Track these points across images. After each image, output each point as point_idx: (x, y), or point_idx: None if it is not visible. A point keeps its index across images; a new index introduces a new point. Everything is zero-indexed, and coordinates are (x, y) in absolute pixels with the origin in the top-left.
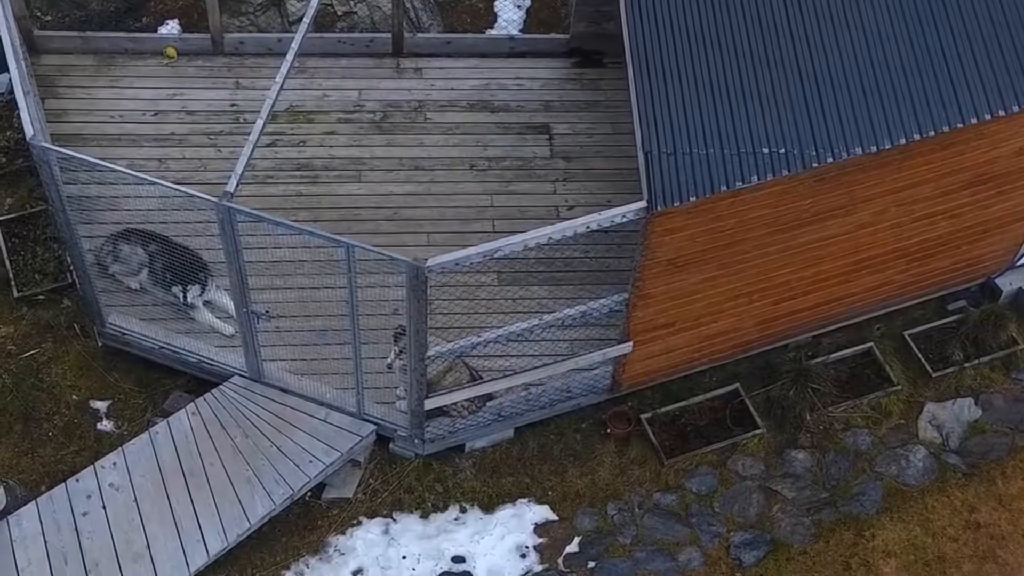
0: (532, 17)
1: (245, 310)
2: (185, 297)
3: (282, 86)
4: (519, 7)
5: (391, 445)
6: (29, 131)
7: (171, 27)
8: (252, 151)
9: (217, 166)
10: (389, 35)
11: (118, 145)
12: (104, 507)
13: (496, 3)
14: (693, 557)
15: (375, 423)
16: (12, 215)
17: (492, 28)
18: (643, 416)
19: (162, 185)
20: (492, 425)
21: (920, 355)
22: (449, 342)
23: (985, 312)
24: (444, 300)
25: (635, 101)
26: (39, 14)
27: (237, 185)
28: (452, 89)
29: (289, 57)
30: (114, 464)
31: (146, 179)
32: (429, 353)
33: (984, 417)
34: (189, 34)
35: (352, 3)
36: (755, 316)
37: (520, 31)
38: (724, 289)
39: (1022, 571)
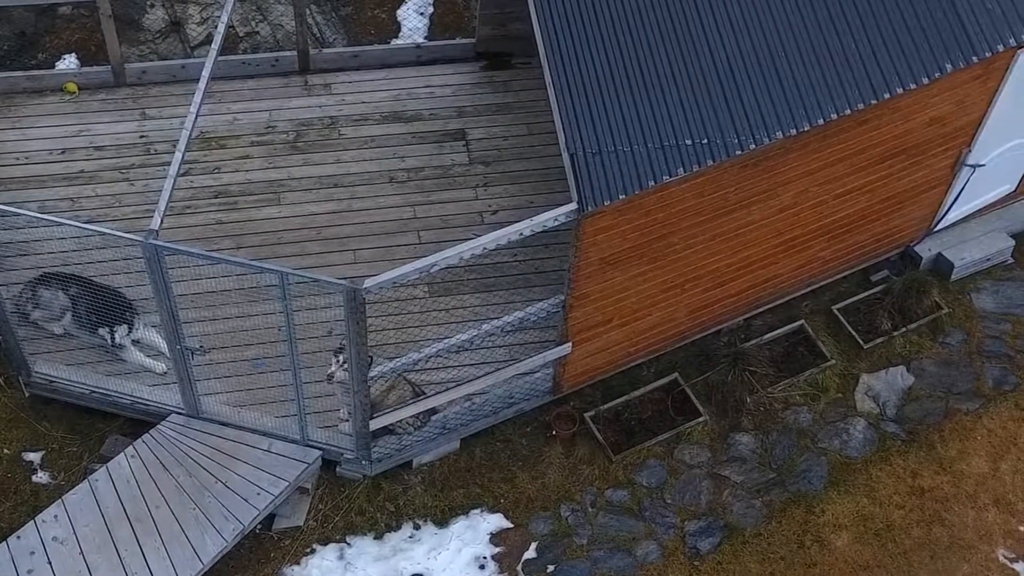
0: (436, 23)
1: (179, 347)
2: (113, 339)
3: (198, 114)
4: (422, 14)
5: (338, 468)
6: None
7: (69, 62)
8: (173, 185)
9: (132, 200)
10: (294, 53)
11: (27, 187)
12: (49, 562)
13: (399, 12)
14: (650, 551)
15: (320, 448)
16: None
17: (397, 37)
18: (587, 415)
19: (86, 229)
20: (438, 439)
21: (850, 328)
22: (390, 359)
23: (908, 280)
24: (377, 317)
25: (555, 103)
26: None
27: (161, 221)
28: (363, 103)
29: (202, 84)
30: (55, 517)
31: (67, 224)
32: (372, 373)
33: (917, 383)
34: (89, 67)
35: (253, 23)
36: (687, 306)
37: (425, 38)
38: (656, 282)
39: (967, 531)
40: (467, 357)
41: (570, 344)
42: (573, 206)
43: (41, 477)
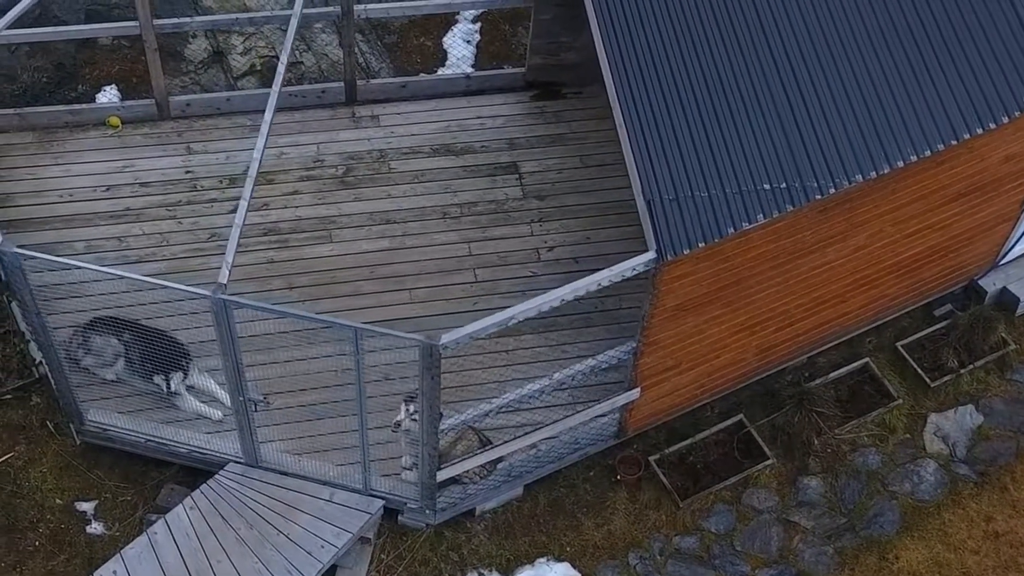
0: (482, 51)
1: (242, 398)
2: (168, 386)
3: (262, 158)
4: (468, 42)
5: (400, 517)
6: None
7: (109, 94)
8: (239, 234)
9: (180, 239)
10: (341, 83)
11: (73, 226)
12: None
13: (445, 40)
14: None
15: (383, 498)
16: None
17: (443, 66)
18: (652, 459)
19: (150, 282)
20: (502, 486)
21: (915, 365)
22: (459, 411)
23: (973, 315)
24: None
25: (627, 146)
26: None
27: (229, 274)
28: (413, 135)
29: (268, 116)
30: (114, 573)
31: (131, 277)
32: (442, 427)
33: (987, 422)
34: (132, 101)
35: (298, 53)
36: (756, 347)
37: (472, 67)
38: (727, 325)
39: None
40: (532, 402)
41: (639, 389)
42: (652, 255)
43: (95, 528)
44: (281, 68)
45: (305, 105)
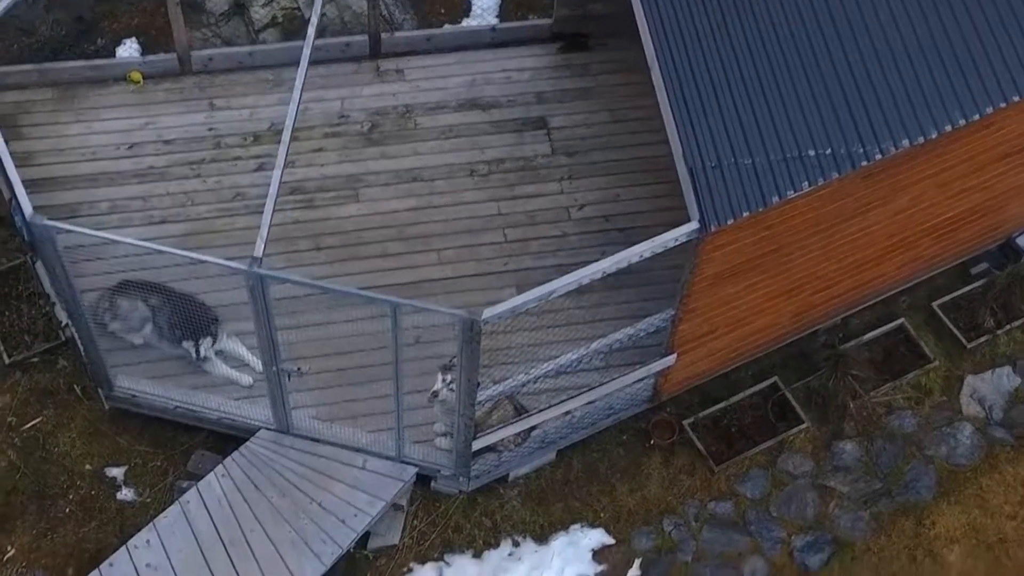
0: (508, 1)
1: (275, 369)
2: (198, 352)
3: (297, 111)
4: None
5: (433, 483)
6: (27, 207)
7: (129, 47)
8: (274, 206)
9: (205, 199)
10: (365, 37)
11: (96, 186)
12: None
13: None
14: (758, 567)
15: (416, 465)
16: None
17: (468, 16)
18: (686, 423)
19: (189, 256)
20: (535, 452)
21: (951, 326)
22: (496, 383)
23: (1011, 274)
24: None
25: (669, 110)
26: None
27: (264, 247)
28: (438, 89)
29: (302, 71)
30: (147, 542)
31: (171, 252)
32: (480, 398)
33: None
34: (153, 56)
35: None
36: (791, 310)
37: (497, 17)
38: (765, 291)
39: None
40: (568, 370)
41: (675, 355)
42: (694, 226)
43: (126, 494)
44: (314, 19)
45: (328, 59)
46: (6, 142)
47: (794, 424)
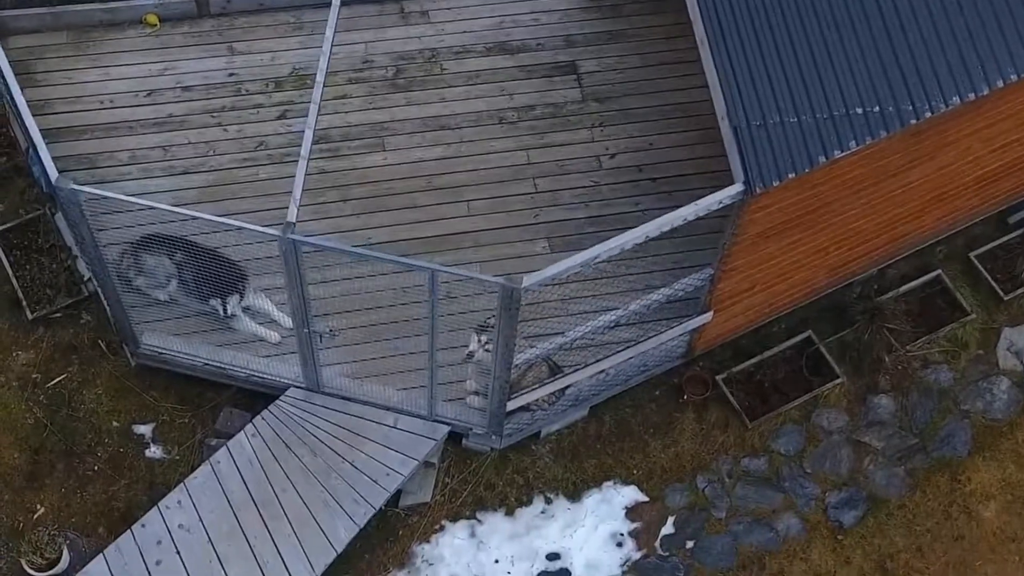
0: None
1: (306, 330)
2: (225, 310)
3: (329, 58)
4: None
5: (464, 441)
6: (52, 172)
7: None
8: (306, 168)
9: (227, 148)
10: None
11: (114, 135)
12: (178, 552)
13: None
14: (792, 524)
15: (448, 424)
16: (8, 224)
17: None
18: (719, 377)
19: (224, 223)
20: (568, 409)
21: (988, 277)
22: (533, 345)
23: None
24: None
25: (713, 66)
26: None
27: (297, 212)
28: (465, 32)
29: (332, 19)
30: (179, 503)
31: (203, 217)
32: (517, 361)
33: None
34: None
35: None
36: (829, 265)
37: None
38: (806, 247)
39: None
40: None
41: (712, 313)
42: (739, 187)
43: (154, 452)
44: None
45: (350, 0)
46: (21, 89)
47: (828, 378)
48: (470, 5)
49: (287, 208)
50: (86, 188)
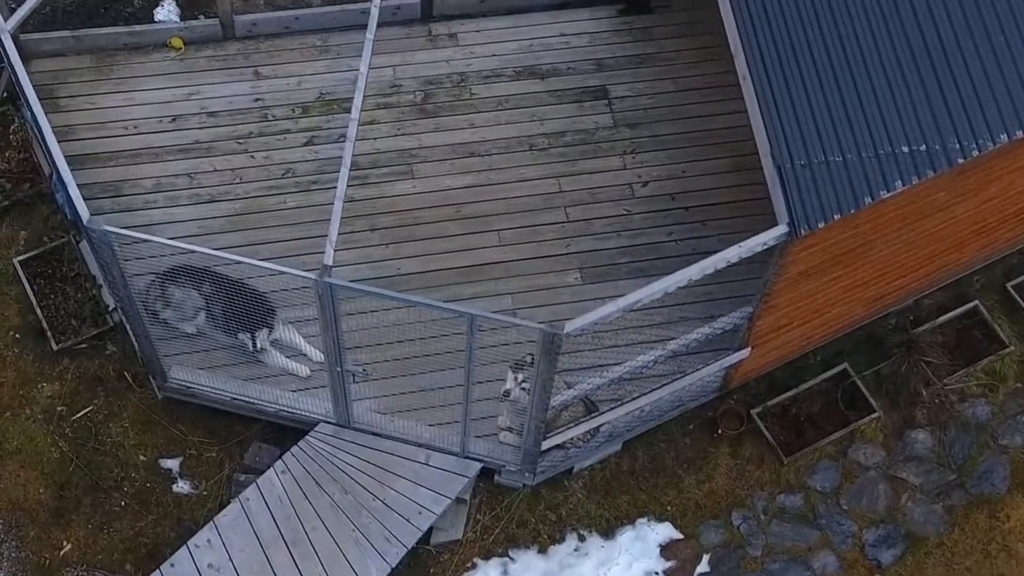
0: None
1: (339, 369)
2: (255, 345)
3: (364, 92)
4: None
5: (496, 477)
6: (84, 213)
7: (168, 8)
8: (342, 207)
9: (254, 175)
10: (417, 0)
11: (139, 162)
12: None
13: None
14: (828, 562)
15: (481, 460)
16: (32, 252)
17: None
18: (754, 412)
19: (263, 267)
20: (602, 445)
21: None
22: (570, 387)
23: None
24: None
25: (756, 103)
26: (14, 5)
27: (333, 255)
28: (494, 55)
29: (370, 35)
30: (208, 542)
31: (243, 261)
32: (554, 403)
33: None
34: (195, 21)
35: None
36: (867, 298)
37: None
38: (845, 283)
39: None
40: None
41: (749, 349)
42: (783, 229)
43: (182, 486)
44: None
45: (379, 23)
46: (45, 114)
47: (865, 412)
48: (499, 28)
49: (315, 238)
50: (121, 231)
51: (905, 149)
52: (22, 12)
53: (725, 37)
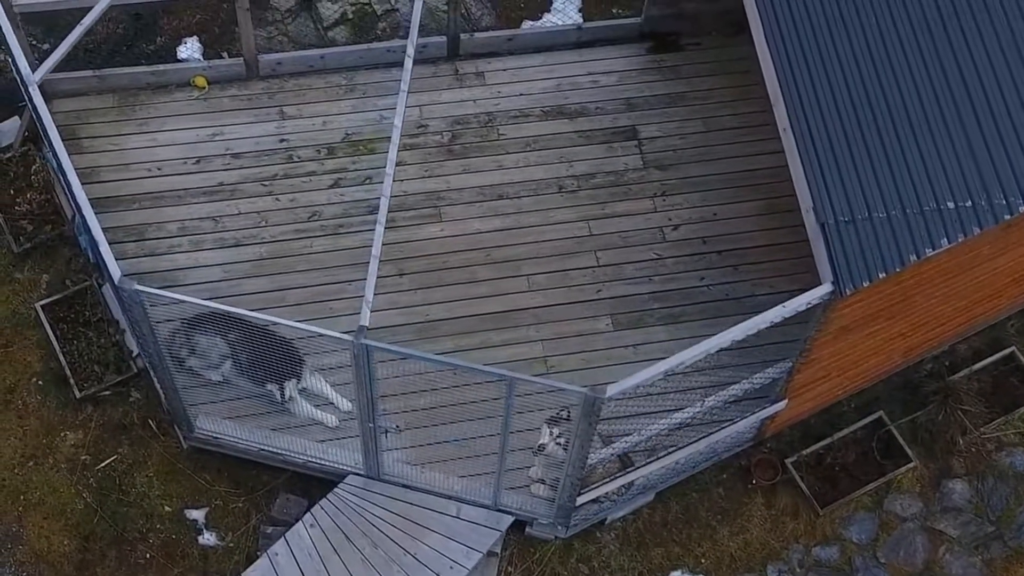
0: None
1: (371, 425)
2: (283, 395)
3: (400, 136)
4: None
5: (528, 529)
6: (116, 272)
7: (191, 46)
8: (377, 267)
9: (279, 219)
10: (443, 38)
11: (163, 204)
12: None
13: None
14: None
15: (513, 514)
16: (54, 296)
17: (549, 11)
18: (789, 461)
19: (298, 327)
20: (635, 496)
21: None
22: (607, 444)
23: None
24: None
25: (798, 157)
26: (35, 42)
27: (370, 315)
28: (521, 95)
29: (406, 79)
30: None
31: (281, 322)
32: (591, 461)
33: None
34: (219, 60)
35: (392, 0)
36: (904, 347)
37: (579, 10)
38: (885, 335)
39: None
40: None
41: (786, 401)
42: (828, 288)
43: (208, 538)
44: (415, 18)
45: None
46: (68, 155)
47: (901, 462)
48: (526, 66)
49: (341, 283)
50: (153, 291)
51: (951, 205)
52: (50, 62)
53: (758, 76)
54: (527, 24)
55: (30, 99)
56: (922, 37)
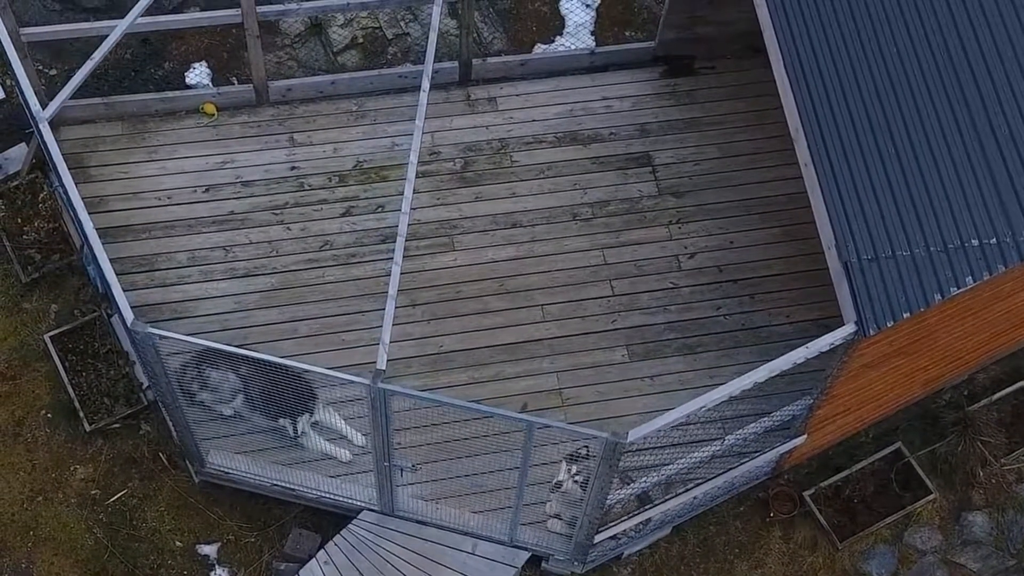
0: (603, 16)
1: (387, 464)
2: (295, 430)
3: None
4: (588, 6)
5: (544, 564)
6: (128, 315)
7: (199, 71)
8: (393, 308)
9: (290, 248)
10: (455, 64)
11: (173, 234)
12: None
13: (562, 4)
14: None
15: (529, 550)
16: (63, 327)
17: (561, 34)
18: (806, 494)
19: (314, 370)
20: (653, 531)
21: None
22: (626, 484)
23: None
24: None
25: (820, 195)
26: (42, 67)
27: (386, 359)
28: (534, 120)
29: (421, 115)
30: None
31: (297, 366)
32: (610, 501)
33: None
34: (228, 87)
35: (403, 24)
36: (924, 380)
37: (592, 33)
38: (906, 370)
39: None
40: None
41: (806, 435)
42: (851, 328)
43: (220, 574)
44: (431, 45)
45: (415, 87)
46: (76, 185)
47: (920, 494)
48: (539, 91)
49: (354, 314)
50: (168, 334)
51: (975, 242)
52: (59, 100)
53: (774, 100)
54: (539, 48)
55: (39, 133)
56: (944, 69)
